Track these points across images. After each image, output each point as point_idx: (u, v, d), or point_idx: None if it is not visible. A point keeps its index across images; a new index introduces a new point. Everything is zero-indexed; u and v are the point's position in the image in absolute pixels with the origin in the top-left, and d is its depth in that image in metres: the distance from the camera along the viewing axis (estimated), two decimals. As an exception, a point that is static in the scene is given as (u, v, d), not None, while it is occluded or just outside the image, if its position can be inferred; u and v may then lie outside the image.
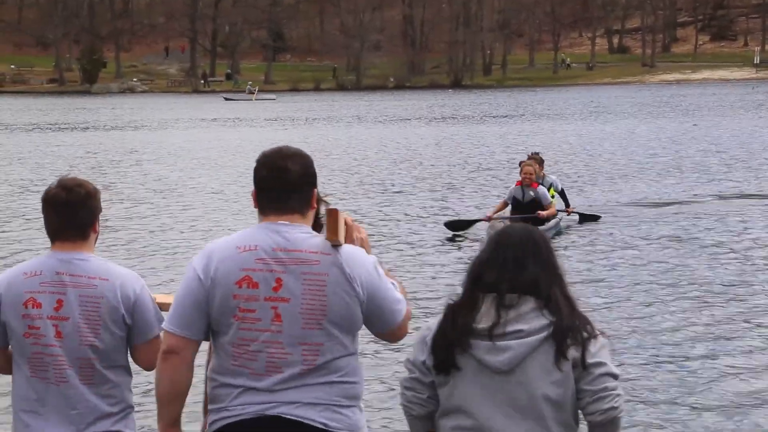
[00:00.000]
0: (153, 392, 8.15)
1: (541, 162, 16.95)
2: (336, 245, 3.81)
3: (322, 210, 3.99)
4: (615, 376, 3.65)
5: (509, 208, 16.53)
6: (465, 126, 47.54)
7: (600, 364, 3.63)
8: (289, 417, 3.75)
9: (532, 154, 17.49)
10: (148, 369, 4.32)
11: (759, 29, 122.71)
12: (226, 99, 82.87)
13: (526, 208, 16.10)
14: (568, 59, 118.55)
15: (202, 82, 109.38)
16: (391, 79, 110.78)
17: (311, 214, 3.93)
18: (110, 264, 4.24)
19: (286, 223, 3.84)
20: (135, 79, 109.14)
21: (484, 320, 3.64)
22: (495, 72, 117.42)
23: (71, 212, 4.18)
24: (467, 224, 16.91)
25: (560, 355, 3.60)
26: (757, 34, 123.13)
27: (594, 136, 39.45)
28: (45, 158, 33.03)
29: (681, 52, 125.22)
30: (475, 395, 3.64)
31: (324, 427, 3.77)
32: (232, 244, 3.83)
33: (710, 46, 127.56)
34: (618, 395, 3.64)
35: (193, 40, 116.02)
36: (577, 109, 60.27)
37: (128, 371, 4.26)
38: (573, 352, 3.62)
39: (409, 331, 4.04)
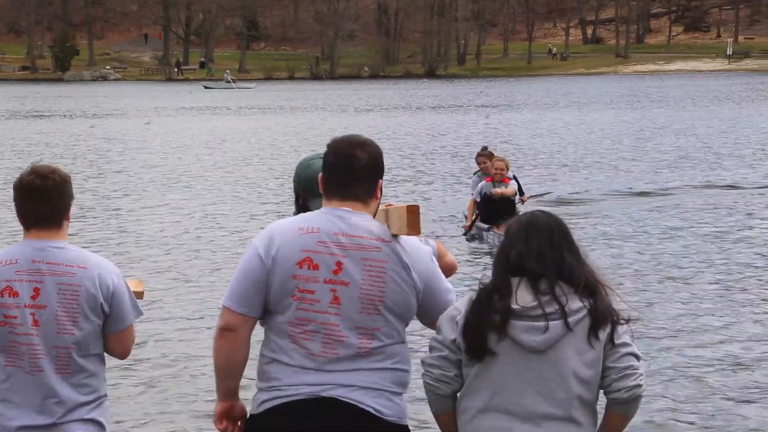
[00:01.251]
0: (125, 384, 8.22)
1: (490, 156, 16.11)
2: (396, 236, 3.86)
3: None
4: (639, 357, 3.78)
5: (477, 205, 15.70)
6: (442, 115, 47.58)
7: (626, 344, 3.76)
8: (345, 400, 3.77)
9: (483, 148, 16.72)
10: (122, 357, 4.36)
11: (732, 20, 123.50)
12: (206, 87, 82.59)
13: (499, 205, 15.15)
14: (555, 48, 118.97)
15: (176, 70, 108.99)
16: (366, 69, 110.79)
17: (374, 205, 3.95)
18: (86, 252, 4.24)
19: (348, 209, 3.87)
20: (108, 67, 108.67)
21: (520, 302, 3.72)
22: (469, 62, 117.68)
23: (46, 200, 4.15)
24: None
25: (594, 336, 3.72)
26: (730, 26, 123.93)
27: (571, 125, 39.59)
28: (22, 146, 32.81)
29: (654, 43, 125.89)
30: (506, 374, 3.73)
31: (377, 414, 3.79)
32: (294, 225, 3.87)
33: (684, 37, 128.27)
34: (642, 374, 3.76)
35: (167, 28, 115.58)
36: (553, 99, 60.48)
37: (102, 360, 4.26)
38: (604, 333, 3.73)
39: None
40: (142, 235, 15.98)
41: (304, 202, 4.36)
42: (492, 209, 15.15)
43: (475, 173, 16.53)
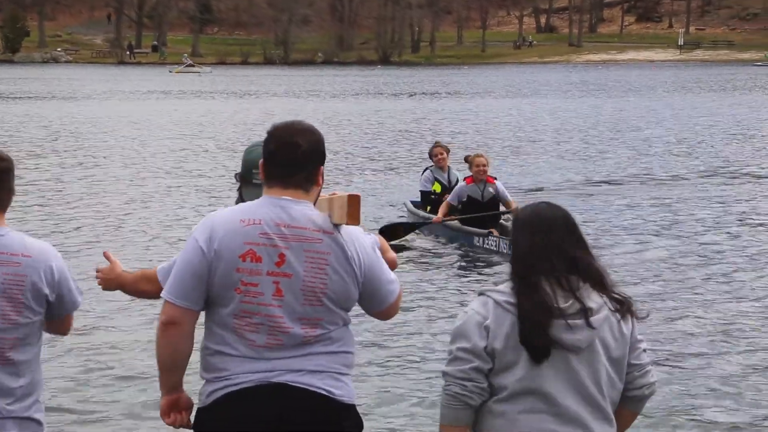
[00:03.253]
0: (63, 371, 8.17)
1: (447, 149, 15.26)
2: (338, 225, 3.85)
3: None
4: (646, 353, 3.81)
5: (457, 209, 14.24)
6: (396, 102, 47.59)
7: (642, 340, 3.76)
8: (295, 384, 3.78)
9: (437, 143, 15.59)
10: (62, 335, 4.41)
11: (684, 11, 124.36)
12: (171, 72, 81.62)
13: (486, 207, 13.96)
14: (530, 37, 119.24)
15: (128, 53, 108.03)
16: (320, 54, 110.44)
17: (315, 191, 3.93)
18: (27, 238, 4.17)
19: (290, 198, 3.85)
20: (59, 49, 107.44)
21: (557, 300, 3.62)
22: (423, 49, 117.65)
23: None
24: (410, 228, 14.49)
25: (620, 331, 3.68)
26: (682, 16, 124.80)
27: (527, 113, 39.75)
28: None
29: (607, 33, 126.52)
30: (547, 376, 3.63)
31: (329, 395, 3.81)
32: (236, 217, 3.84)
33: (636, 27, 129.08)
34: (654, 371, 3.81)
35: (119, 11, 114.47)
36: (512, 88, 60.66)
37: (39, 348, 4.22)
38: (628, 328, 3.71)
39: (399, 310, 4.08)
40: (86, 221, 15.89)
41: (240, 190, 4.38)
42: (476, 212, 13.90)
43: (427, 168, 15.37)
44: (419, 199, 15.41)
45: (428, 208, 14.92)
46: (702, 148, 27.32)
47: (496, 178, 14.17)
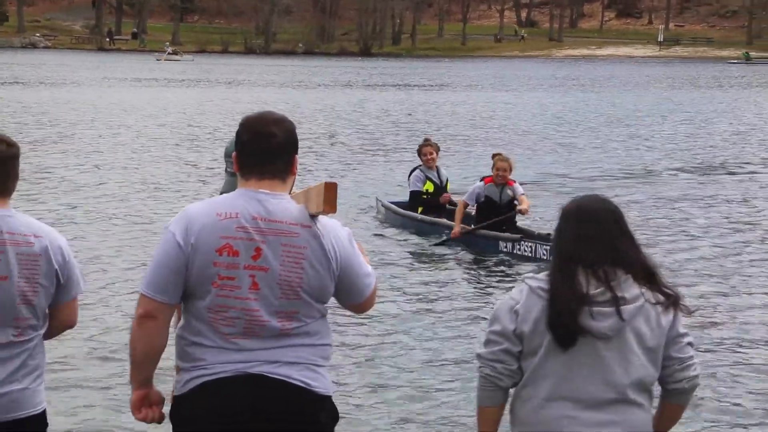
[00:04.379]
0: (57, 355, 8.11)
1: (437, 147, 14.62)
2: (315, 215, 3.84)
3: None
4: (693, 345, 3.82)
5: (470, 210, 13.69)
6: (378, 94, 47.55)
7: (686, 333, 3.78)
8: (271, 376, 3.78)
9: (427, 140, 14.80)
10: (69, 327, 4.35)
11: (663, 7, 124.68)
12: (158, 60, 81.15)
13: (503, 210, 13.34)
14: (523, 31, 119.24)
15: (108, 40, 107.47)
16: (300, 45, 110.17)
17: (291, 180, 3.93)
18: (33, 219, 4.21)
19: (267, 191, 3.84)
20: (38, 35, 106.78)
21: (588, 288, 3.70)
22: (404, 41, 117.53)
23: (5, 169, 4.12)
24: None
25: (657, 322, 3.71)
26: (662, 13, 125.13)
27: (513, 106, 39.79)
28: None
29: (587, 28, 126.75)
30: (572, 361, 3.69)
31: (306, 386, 3.82)
32: (212, 210, 3.82)
33: (616, 23, 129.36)
34: (698, 364, 3.82)
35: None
36: (495, 81, 60.67)
37: (43, 330, 4.25)
38: (666, 319, 3.74)
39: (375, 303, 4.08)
40: (69, 209, 15.85)
41: None
42: (493, 215, 13.28)
43: (417, 168, 14.59)
44: (407, 199, 14.74)
45: (420, 209, 14.33)
46: (698, 144, 27.46)
47: (514, 180, 13.55)
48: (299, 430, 3.80)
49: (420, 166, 14.54)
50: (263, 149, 3.84)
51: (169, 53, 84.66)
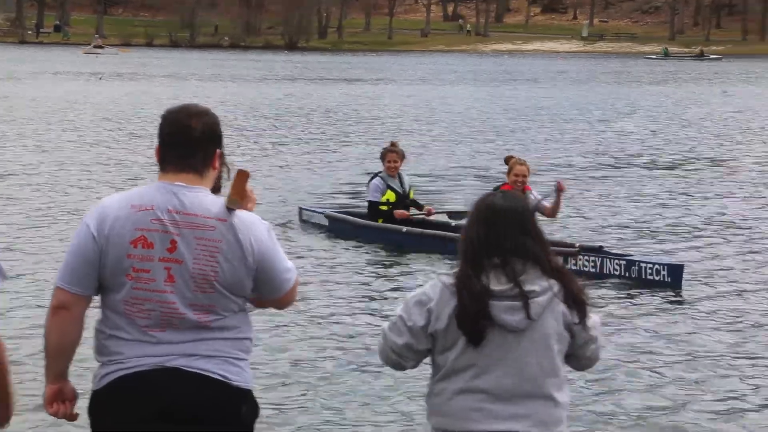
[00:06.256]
0: None
1: (402, 155, 13.50)
2: (232, 208, 3.81)
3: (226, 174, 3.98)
4: (599, 342, 3.91)
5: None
6: (304, 87, 47.45)
7: (592, 329, 3.87)
8: (188, 369, 3.77)
9: (393, 144, 13.64)
10: None
11: (588, 3, 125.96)
12: (87, 53, 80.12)
13: None
14: (468, 26, 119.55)
15: (30, 32, 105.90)
16: (226, 38, 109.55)
17: (211, 175, 3.92)
18: None
19: (183, 184, 3.83)
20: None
21: (497, 283, 3.75)
22: (331, 35, 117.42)
23: None
24: None
25: (564, 316, 3.78)
26: (586, 8, 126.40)
27: (440, 100, 39.93)
28: None
29: (513, 23, 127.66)
30: (486, 355, 3.74)
31: (224, 379, 3.81)
32: (127, 202, 3.82)
33: (541, 18, 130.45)
34: (600, 347, 3.92)
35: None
36: (419, 75, 60.85)
37: None
38: (574, 313, 3.80)
39: (297, 299, 4.07)
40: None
41: None
42: None
43: (377, 175, 13.41)
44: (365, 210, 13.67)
45: (380, 220, 13.26)
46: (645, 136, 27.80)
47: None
48: (220, 424, 3.79)
49: (380, 173, 13.33)
50: (181, 142, 3.84)
51: (94, 45, 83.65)
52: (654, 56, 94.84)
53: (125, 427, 3.77)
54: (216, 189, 3.98)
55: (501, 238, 3.77)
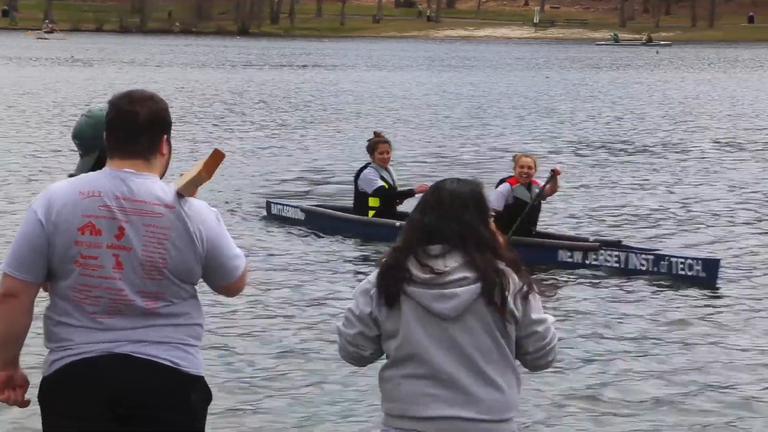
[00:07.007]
0: None
1: (388, 145, 12.95)
2: (182, 195, 3.81)
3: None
4: (550, 325, 3.82)
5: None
6: (257, 73, 47.25)
7: (539, 320, 3.79)
8: (137, 355, 3.77)
9: (379, 135, 13.08)
10: None
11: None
12: (39, 39, 79.17)
13: (535, 211, 11.82)
14: (428, 11, 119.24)
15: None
16: (177, 24, 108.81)
17: (160, 162, 3.91)
18: None
19: (131, 171, 3.82)
20: None
21: (427, 269, 3.74)
22: (282, 21, 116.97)
23: None
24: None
25: (502, 303, 3.72)
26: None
27: (391, 85, 39.91)
28: None
29: (465, 9, 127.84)
30: (425, 343, 3.74)
31: (174, 366, 3.80)
32: (75, 188, 3.80)
33: (493, 4, 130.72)
34: (555, 345, 3.84)
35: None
36: (372, 60, 60.78)
37: None
38: (515, 300, 3.75)
39: (246, 285, 4.07)
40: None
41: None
42: (526, 220, 11.57)
43: (368, 165, 12.76)
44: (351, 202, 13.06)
45: (371, 214, 12.56)
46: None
47: (538, 180, 11.93)
48: (169, 410, 3.78)
49: (370, 163, 12.70)
50: (126, 128, 3.83)
51: (46, 31, 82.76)
52: (604, 42, 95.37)
53: (75, 413, 3.77)
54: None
55: (441, 222, 3.76)
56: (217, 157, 3.80)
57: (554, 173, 11.68)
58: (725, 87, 42.30)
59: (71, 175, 4.08)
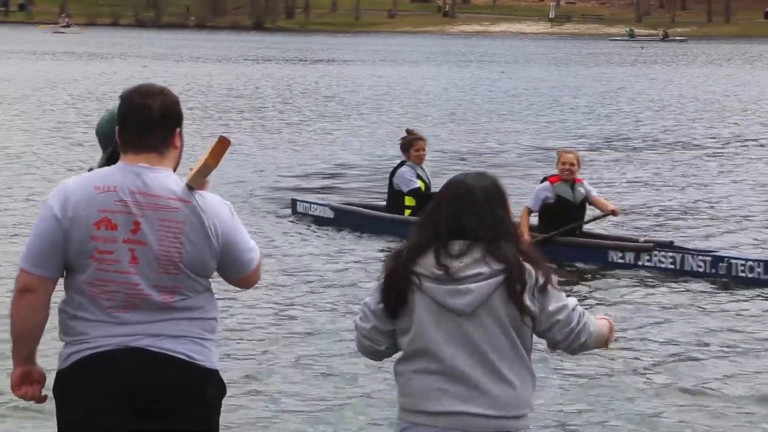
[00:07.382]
0: None
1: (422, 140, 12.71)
2: (192, 187, 3.81)
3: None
4: (576, 311, 3.76)
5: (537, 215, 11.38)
6: (273, 67, 47.25)
7: (560, 310, 3.74)
8: (153, 349, 3.78)
9: (412, 132, 12.90)
10: None
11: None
12: (56, 33, 79.43)
13: (579, 210, 11.28)
14: (446, 7, 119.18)
15: (3, 9, 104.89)
16: (192, 18, 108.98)
17: (173, 155, 3.92)
18: None
19: (146, 165, 3.84)
20: None
21: (442, 264, 3.72)
22: (298, 15, 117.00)
23: None
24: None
25: (519, 297, 3.69)
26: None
27: (410, 80, 39.84)
28: None
29: (480, 4, 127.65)
30: (438, 338, 3.73)
31: (189, 359, 3.82)
32: (90, 183, 3.82)
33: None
34: (584, 326, 3.77)
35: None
36: (387, 56, 60.73)
37: None
38: (531, 295, 3.72)
39: (261, 277, 4.08)
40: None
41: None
42: (568, 219, 11.14)
43: (403, 163, 12.51)
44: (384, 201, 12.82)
45: (407, 213, 12.24)
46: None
47: (582, 178, 11.44)
48: (186, 404, 3.79)
49: (405, 162, 12.47)
50: (139, 122, 3.84)
51: (62, 25, 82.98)
52: (619, 38, 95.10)
53: (92, 407, 3.77)
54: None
55: (458, 217, 3.75)
56: (223, 144, 3.80)
57: (611, 213, 11.34)
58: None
59: (91, 170, 4.09)
